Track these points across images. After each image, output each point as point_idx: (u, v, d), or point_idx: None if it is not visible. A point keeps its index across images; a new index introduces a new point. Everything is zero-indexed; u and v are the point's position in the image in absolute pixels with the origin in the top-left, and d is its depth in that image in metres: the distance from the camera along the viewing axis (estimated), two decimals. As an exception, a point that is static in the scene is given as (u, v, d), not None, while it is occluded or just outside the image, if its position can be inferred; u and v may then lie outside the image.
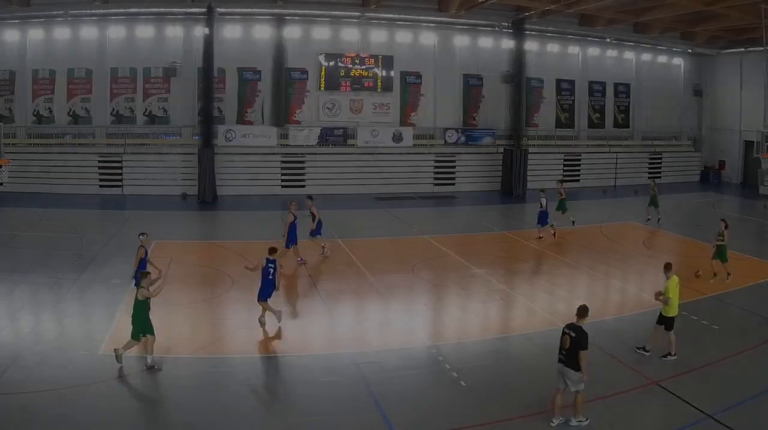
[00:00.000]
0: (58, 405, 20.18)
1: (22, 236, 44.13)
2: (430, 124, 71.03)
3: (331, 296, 32.68)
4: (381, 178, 67.89)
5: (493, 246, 45.62)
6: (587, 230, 49.60)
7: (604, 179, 75.82)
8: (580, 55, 76.43)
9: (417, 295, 33.65)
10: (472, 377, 22.93)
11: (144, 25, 63.98)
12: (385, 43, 68.53)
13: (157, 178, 63.33)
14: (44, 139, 64.05)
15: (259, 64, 66.14)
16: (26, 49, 63.42)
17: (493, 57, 71.20)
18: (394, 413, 20.35)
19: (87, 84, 64.56)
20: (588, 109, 77.64)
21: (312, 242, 39.56)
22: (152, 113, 65.80)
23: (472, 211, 59.66)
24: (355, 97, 68.58)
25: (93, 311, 29.90)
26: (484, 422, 19.84)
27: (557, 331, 22.27)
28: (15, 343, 25.15)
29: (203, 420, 19.90)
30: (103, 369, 22.74)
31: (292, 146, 66.80)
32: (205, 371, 23.45)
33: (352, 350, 25.40)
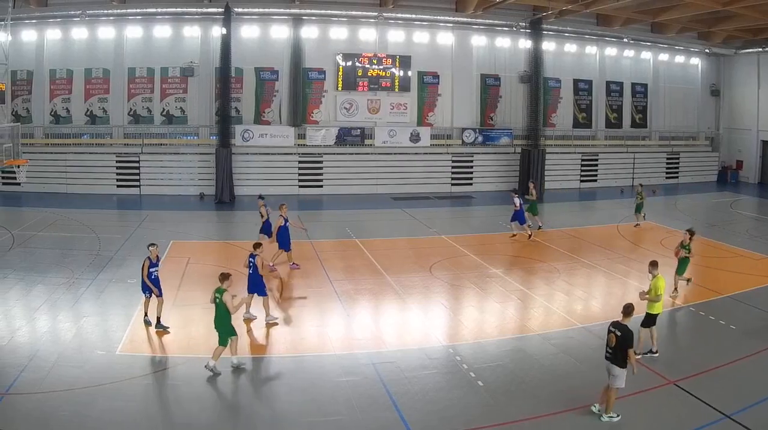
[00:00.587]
0: (74, 405, 20.07)
1: (40, 235, 43.87)
2: (447, 124, 70.36)
3: (348, 296, 32.35)
4: (398, 178, 67.50)
5: (511, 246, 45.00)
6: (605, 229, 49.63)
7: (622, 179, 75.13)
8: (597, 55, 75.62)
9: (434, 295, 33.17)
10: (490, 376, 22.87)
11: (161, 25, 63.68)
12: (403, 43, 67.93)
13: (174, 178, 63.19)
14: (61, 139, 63.80)
15: (276, 64, 65.66)
16: (44, 49, 63.18)
17: (511, 57, 70.77)
18: (411, 413, 20.32)
19: (104, 84, 64.23)
20: (605, 109, 76.75)
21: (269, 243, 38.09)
22: (170, 113, 65.34)
23: (489, 212, 59.07)
24: (372, 97, 67.95)
25: (110, 311, 29.46)
26: (501, 422, 19.80)
27: (574, 331, 25.69)
28: (32, 343, 24.99)
29: (220, 420, 20.01)
30: (119, 369, 22.71)
31: (310, 146, 66.36)
32: (222, 372, 23.02)
33: (370, 350, 25.34)
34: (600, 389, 20.57)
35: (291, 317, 27.97)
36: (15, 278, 33.70)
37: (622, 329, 19.74)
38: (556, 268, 37.96)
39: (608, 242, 45.29)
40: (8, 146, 42.38)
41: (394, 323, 29.82)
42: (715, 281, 35.00)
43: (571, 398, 21.25)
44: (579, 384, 22.30)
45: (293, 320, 27.87)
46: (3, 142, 41.87)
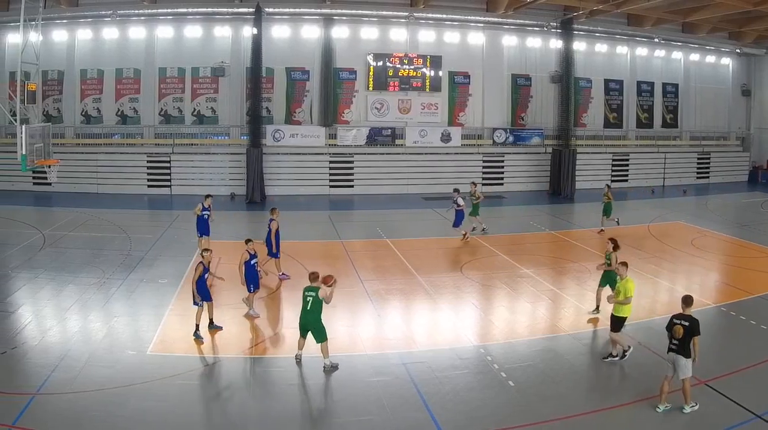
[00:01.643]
0: (105, 405, 19.80)
1: (71, 235, 43.53)
2: (478, 124, 69.48)
3: (379, 296, 31.86)
4: (429, 178, 66.56)
5: (542, 246, 44.49)
6: (636, 229, 48.53)
7: (653, 179, 74.09)
8: (628, 55, 74.52)
9: (465, 295, 32.52)
10: (521, 376, 22.43)
11: (192, 25, 63.24)
12: (434, 43, 67.08)
13: (205, 178, 62.53)
14: (92, 140, 63.62)
15: (307, 64, 65.02)
16: (75, 49, 62.92)
17: (542, 57, 69.73)
18: (441, 412, 19.91)
19: (135, 84, 63.85)
20: (636, 109, 75.61)
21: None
22: (200, 113, 64.88)
23: (520, 211, 58.24)
24: (403, 97, 67.08)
25: (141, 311, 29.04)
26: (532, 422, 19.34)
27: (605, 331, 24.87)
28: (63, 342, 24.70)
29: (251, 420, 19.57)
30: (150, 369, 22.44)
31: (341, 146, 65.62)
32: (252, 371, 23.03)
33: (400, 350, 24.95)
34: (655, 387, 20.43)
35: (322, 316, 26.31)
36: (46, 278, 33.30)
37: (688, 320, 19.62)
38: (587, 268, 36.72)
39: (639, 242, 43.99)
40: (39, 146, 41.63)
41: (425, 323, 29.42)
42: (746, 280, 34.39)
43: (602, 398, 21.03)
44: (610, 384, 22.20)
45: (324, 320, 26.02)
46: (34, 142, 40.94)
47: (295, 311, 25.93)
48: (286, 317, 28.84)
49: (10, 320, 27.24)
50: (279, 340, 26.44)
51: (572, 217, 55.52)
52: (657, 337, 24.67)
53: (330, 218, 51.25)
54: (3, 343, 24.28)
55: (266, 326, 28.06)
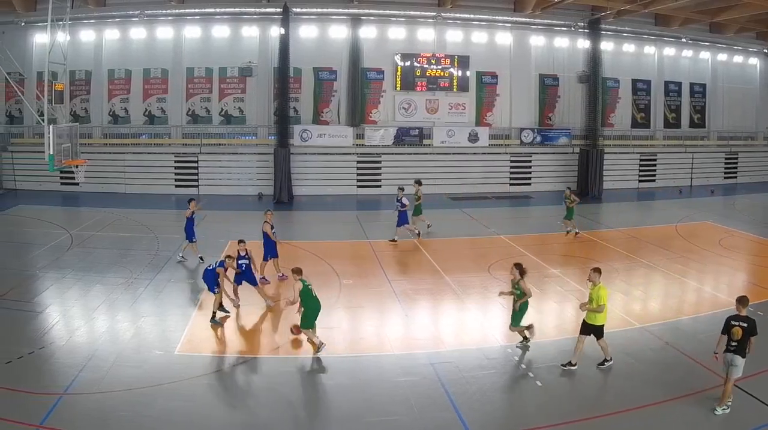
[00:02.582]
0: (132, 405, 19.86)
1: (98, 235, 43.38)
2: (505, 124, 68.67)
3: (406, 296, 31.55)
4: (456, 178, 66.02)
5: (569, 246, 43.50)
6: (663, 229, 48.29)
7: (680, 179, 73.26)
8: (655, 55, 73.47)
9: (492, 295, 30.85)
10: (548, 376, 22.33)
11: (220, 25, 62.83)
12: (461, 43, 66.35)
13: (232, 178, 62.44)
14: (120, 140, 63.41)
15: (334, 64, 64.36)
16: (102, 49, 62.67)
17: (569, 57, 68.88)
18: (469, 413, 19.80)
19: (163, 84, 63.47)
20: (664, 109, 74.58)
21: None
22: (228, 113, 64.35)
23: (547, 212, 57.12)
24: (430, 97, 66.34)
25: (168, 311, 29.10)
26: (559, 422, 19.22)
27: (633, 331, 25.94)
28: (90, 342, 24.67)
29: (277, 420, 19.56)
30: (178, 369, 22.49)
31: (368, 146, 65.04)
32: (280, 372, 22.86)
33: (428, 350, 24.72)
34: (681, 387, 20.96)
35: (349, 317, 27.43)
36: (73, 278, 33.17)
37: (746, 321, 19.35)
38: (614, 268, 36.24)
39: (666, 242, 43.55)
40: (67, 146, 41.48)
41: (452, 323, 29.12)
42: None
43: (630, 399, 20.59)
44: (638, 384, 21.59)
45: (352, 320, 27.34)
46: (62, 142, 40.82)
47: (321, 312, 25.63)
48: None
49: (37, 320, 27.11)
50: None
51: (599, 217, 54.96)
52: (685, 337, 25.55)
53: (357, 217, 51.07)
54: (31, 343, 24.21)
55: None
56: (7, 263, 35.71)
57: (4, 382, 20.81)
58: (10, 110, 63.75)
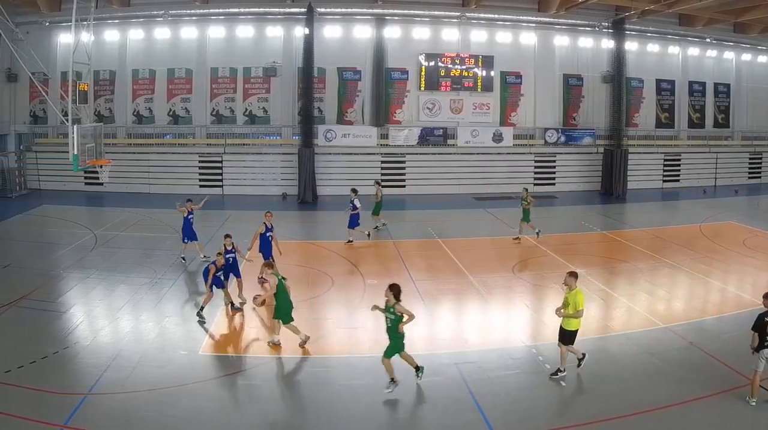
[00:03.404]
0: (156, 405, 19.78)
1: (122, 235, 43.44)
2: (530, 124, 68.25)
3: (430, 296, 31.29)
4: (481, 178, 65.60)
5: (593, 246, 43.58)
6: (688, 229, 47.91)
7: (704, 179, 72.47)
8: (679, 55, 72.79)
9: (516, 295, 32.01)
10: (572, 376, 22.04)
11: (244, 25, 62.65)
12: (485, 43, 65.82)
13: (257, 178, 62.17)
14: (144, 139, 63.39)
15: (359, 64, 64.12)
16: (126, 49, 62.64)
17: (593, 57, 68.21)
18: (493, 413, 19.67)
19: (187, 84, 63.36)
20: (688, 109, 74.02)
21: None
22: (252, 113, 64.16)
23: (571, 211, 57.37)
24: (455, 97, 65.84)
25: (192, 311, 28.53)
26: (584, 421, 19.11)
27: (657, 331, 25.92)
28: (115, 342, 24.63)
29: (301, 420, 19.65)
30: (202, 369, 22.66)
31: (392, 146, 64.70)
32: (304, 371, 22.98)
33: (452, 350, 24.52)
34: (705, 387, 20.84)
35: (374, 316, 26.38)
36: (97, 278, 33.15)
37: None
38: (639, 268, 36.41)
39: (691, 242, 43.26)
40: (91, 146, 41.34)
41: (476, 323, 28.86)
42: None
43: (654, 398, 20.35)
44: (662, 384, 21.36)
45: (375, 320, 26.30)
46: (86, 142, 40.66)
47: (345, 312, 27.10)
48: (336, 318, 28.66)
49: (62, 319, 27.11)
50: (329, 340, 25.99)
51: (624, 217, 54.49)
52: (709, 337, 25.34)
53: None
54: (55, 343, 24.16)
55: (316, 326, 27.21)
56: (32, 263, 35.80)
57: (29, 382, 20.74)
58: (34, 110, 63.80)
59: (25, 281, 31.90)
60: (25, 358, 22.41)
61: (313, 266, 36.42)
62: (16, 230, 46.23)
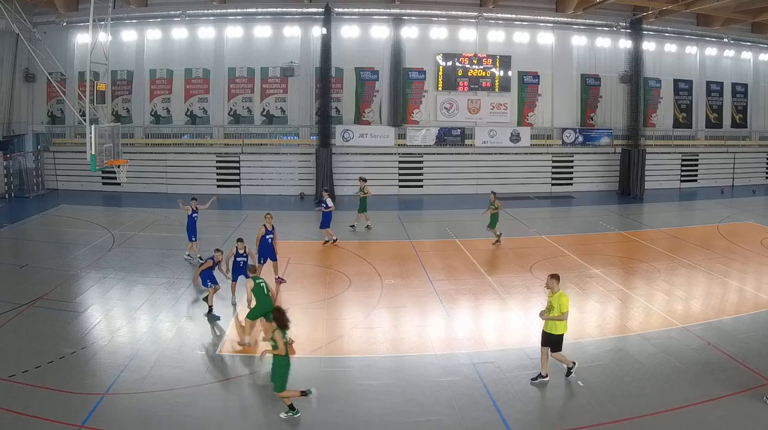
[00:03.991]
0: (174, 405, 19.76)
1: (140, 235, 43.51)
2: (547, 124, 67.78)
3: (448, 296, 31.23)
4: (498, 178, 64.73)
5: (611, 246, 43.13)
6: (705, 229, 47.78)
7: (722, 179, 71.89)
8: (697, 55, 72.20)
9: (534, 295, 31.40)
10: (590, 376, 21.89)
11: (261, 25, 62.40)
12: (503, 43, 65.38)
13: (274, 178, 62.02)
14: (162, 140, 63.13)
15: (376, 64, 63.70)
16: (144, 49, 62.56)
17: (611, 57, 67.70)
18: (511, 412, 19.59)
19: (204, 84, 63.20)
20: (706, 109, 73.35)
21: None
22: (270, 113, 63.88)
23: (589, 212, 56.92)
24: (472, 97, 65.40)
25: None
26: (601, 422, 18.97)
27: (675, 331, 25.72)
28: (132, 342, 24.62)
29: (319, 420, 19.27)
30: (220, 369, 22.79)
31: (410, 146, 64.39)
32: (322, 371, 22.66)
33: (470, 350, 24.38)
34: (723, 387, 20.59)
35: (391, 316, 27.36)
36: (115, 278, 33.16)
37: None
38: (656, 268, 36.12)
39: (708, 242, 43.03)
40: (108, 146, 41.10)
41: (494, 323, 28.81)
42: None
43: (672, 398, 20.20)
44: (680, 384, 21.26)
45: (393, 320, 27.43)
46: (103, 142, 40.47)
47: (362, 313, 27.01)
48: (354, 318, 28.23)
49: (79, 319, 27.10)
50: (347, 340, 25.78)
51: (642, 217, 54.13)
52: (727, 337, 25.07)
53: (399, 217, 50.60)
54: (72, 343, 24.20)
55: (334, 326, 27.26)
56: (50, 263, 35.80)
57: (46, 382, 20.67)
58: (51, 110, 63.76)
59: (42, 281, 31.92)
60: (43, 358, 22.36)
61: (330, 266, 36.27)
62: (33, 230, 46.09)
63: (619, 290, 32.27)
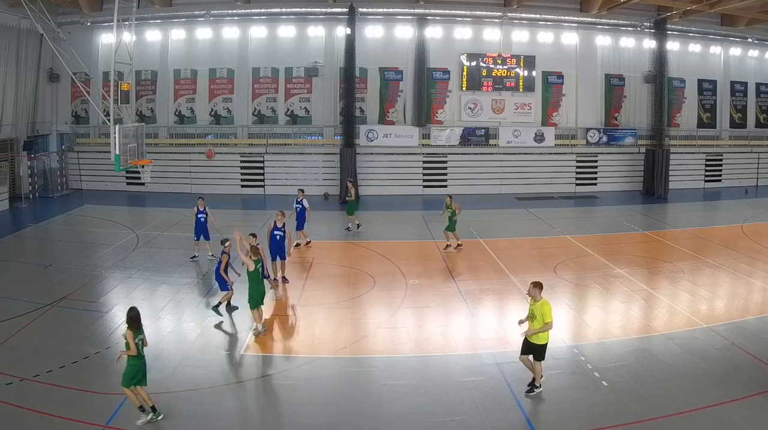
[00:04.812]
0: (198, 405, 19.87)
1: (164, 235, 43.29)
2: (571, 124, 67.22)
3: (472, 296, 31.04)
4: (522, 178, 64.73)
5: (635, 246, 42.43)
6: (729, 229, 47.26)
7: (746, 179, 71.00)
8: (721, 55, 71.43)
9: (558, 295, 30.75)
10: (614, 376, 21.86)
11: (285, 25, 62.02)
12: (527, 43, 64.82)
13: (298, 178, 60.96)
14: (186, 140, 62.88)
15: (400, 64, 63.30)
16: (168, 49, 62.42)
17: (635, 57, 67.07)
18: (535, 412, 19.73)
19: (228, 84, 62.91)
20: (730, 109, 72.56)
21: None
22: (294, 113, 63.54)
23: (613, 212, 56.21)
24: (496, 97, 64.84)
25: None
26: (625, 422, 18.87)
27: (699, 331, 25.50)
28: (156, 342, 23.81)
29: (344, 420, 19.29)
30: (244, 370, 22.84)
31: (434, 146, 63.87)
32: (346, 372, 22.73)
33: (494, 349, 24.29)
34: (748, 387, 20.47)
35: (415, 316, 27.30)
36: (139, 278, 33.14)
37: None
38: (680, 268, 35.76)
39: (732, 242, 42.49)
40: (133, 146, 41.14)
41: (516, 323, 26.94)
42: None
43: (697, 398, 20.14)
44: (704, 384, 21.18)
45: (417, 320, 27.47)
46: (127, 142, 40.50)
47: (387, 312, 27.06)
48: (379, 318, 28.14)
49: (103, 319, 27.15)
50: (371, 340, 25.63)
51: (666, 217, 53.66)
52: (751, 337, 24.95)
53: (423, 217, 50.18)
54: (97, 343, 24.29)
55: (358, 326, 27.04)
56: (74, 263, 35.80)
57: (71, 382, 20.76)
58: (76, 110, 63.70)
59: (67, 281, 31.90)
60: (67, 358, 22.43)
61: (354, 266, 36.00)
62: (58, 230, 45.91)
63: (644, 289, 31.94)
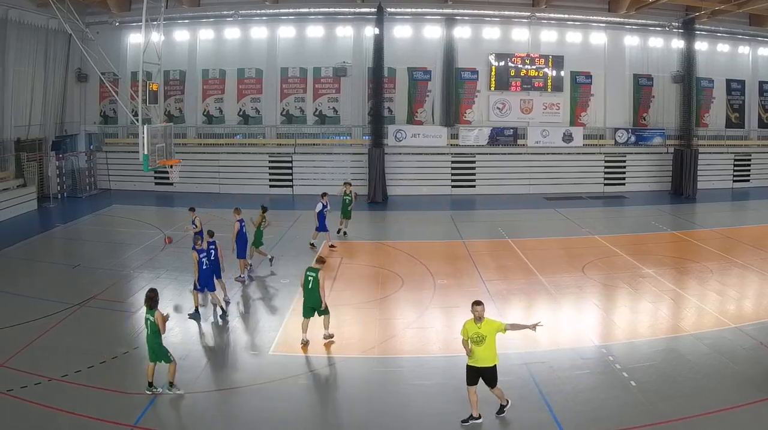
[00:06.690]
0: (226, 405, 19.82)
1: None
2: (600, 124, 66.38)
3: (500, 296, 30.60)
4: (551, 178, 63.73)
5: (663, 246, 41.86)
6: (758, 229, 46.47)
7: None
8: (750, 55, 70.31)
9: (586, 295, 31.02)
10: (642, 376, 21.42)
11: (314, 25, 61.55)
12: (555, 43, 64.01)
13: (327, 178, 59.71)
14: (214, 140, 62.74)
15: (429, 64, 62.65)
16: (196, 49, 62.18)
17: (663, 57, 66.02)
18: (563, 413, 19.18)
19: (257, 84, 62.47)
20: (758, 109, 71.43)
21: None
22: (322, 113, 63.04)
23: (641, 212, 55.26)
24: (525, 97, 64.09)
25: (262, 311, 29.33)
26: (654, 422, 18.44)
27: (727, 331, 24.94)
28: (184, 343, 24.40)
29: (372, 420, 19.21)
30: (272, 370, 22.37)
31: (462, 146, 63.11)
32: (374, 372, 22.54)
33: (522, 350, 23.67)
34: None
35: (444, 316, 26.98)
36: (168, 278, 32.89)
37: None
38: (708, 268, 35.06)
39: (761, 242, 41.40)
40: (161, 146, 40.20)
41: (546, 323, 26.34)
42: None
43: (725, 398, 19.68)
44: (732, 384, 20.70)
45: (446, 319, 27.02)
46: (156, 142, 39.62)
47: (415, 313, 26.70)
48: (407, 318, 27.79)
49: (132, 319, 26.99)
50: (400, 340, 25.35)
51: (694, 217, 52.81)
52: None
53: (452, 217, 49.58)
54: (125, 343, 24.25)
55: (386, 326, 26.70)
56: (102, 263, 35.79)
57: (99, 382, 20.70)
58: (104, 110, 63.66)
59: (95, 281, 31.85)
60: (95, 358, 22.35)
61: (383, 265, 35.57)
62: (86, 230, 45.83)
63: (672, 290, 31.36)
